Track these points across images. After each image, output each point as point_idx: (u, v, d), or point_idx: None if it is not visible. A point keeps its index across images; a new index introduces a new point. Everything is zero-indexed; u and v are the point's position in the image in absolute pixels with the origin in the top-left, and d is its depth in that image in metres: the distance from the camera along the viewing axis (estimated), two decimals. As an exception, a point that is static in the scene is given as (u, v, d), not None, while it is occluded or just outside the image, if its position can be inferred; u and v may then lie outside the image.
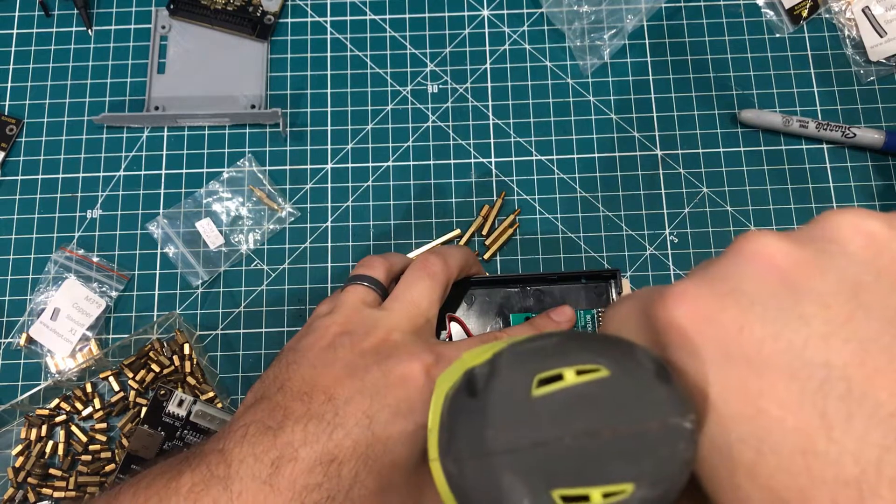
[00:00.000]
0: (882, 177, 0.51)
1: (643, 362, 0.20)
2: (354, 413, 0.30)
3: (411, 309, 0.35)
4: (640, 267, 0.49)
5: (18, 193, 0.51)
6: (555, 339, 0.21)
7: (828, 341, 0.18)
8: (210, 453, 0.29)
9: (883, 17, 0.52)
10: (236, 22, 0.53)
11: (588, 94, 0.53)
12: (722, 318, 0.19)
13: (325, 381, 0.31)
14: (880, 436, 0.16)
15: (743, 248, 0.20)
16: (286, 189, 0.51)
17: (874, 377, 0.17)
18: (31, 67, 0.54)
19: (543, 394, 0.20)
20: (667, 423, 0.19)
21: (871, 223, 0.19)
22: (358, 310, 0.35)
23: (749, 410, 0.18)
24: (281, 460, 0.29)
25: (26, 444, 0.46)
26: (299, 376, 0.32)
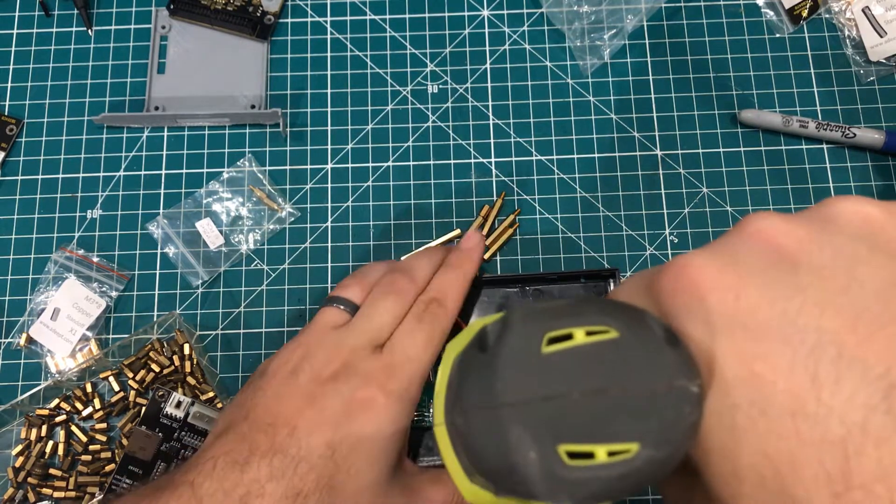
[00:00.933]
0: (882, 177, 0.51)
1: (652, 326, 0.20)
2: (317, 445, 0.31)
3: (372, 325, 0.36)
4: (640, 267, 0.49)
5: (18, 193, 0.51)
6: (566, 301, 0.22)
7: (822, 308, 0.18)
8: (181, 485, 0.30)
9: (883, 17, 0.52)
10: (236, 22, 0.53)
11: (588, 94, 0.53)
12: (720, 285, 0.20)
13: (288, 412, 0.32)
14: (866, 396, 0.17)
15: (745, 226, 0.21)
16: (286, 189, 0.51)
17: (864, 342, 0.17)
18: (31, 67, 0.54)
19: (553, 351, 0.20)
20: (673, 385, 0.19)
21: (869, 208, 0.20)
22: (322, 333, 0.36)
23: (744, 374, 0.19)
24: (249, 496, 0.30)
25: (26, 444, 0.46)
26: (263, 405, 0.33)
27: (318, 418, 0.32)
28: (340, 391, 0.33)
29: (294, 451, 0.31)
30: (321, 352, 0.34)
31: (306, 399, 0.32)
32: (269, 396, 0.33)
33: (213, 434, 0.33)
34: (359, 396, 0.32)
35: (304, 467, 0.31)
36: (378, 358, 0.34)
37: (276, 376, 0.34)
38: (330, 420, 0.32)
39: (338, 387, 0.33)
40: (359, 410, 0.32)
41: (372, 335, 0.35)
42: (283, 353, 0.35)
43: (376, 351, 0.35)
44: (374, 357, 0.34)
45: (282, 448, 0.31)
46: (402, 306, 0.37)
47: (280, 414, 0.32)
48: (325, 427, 0.32)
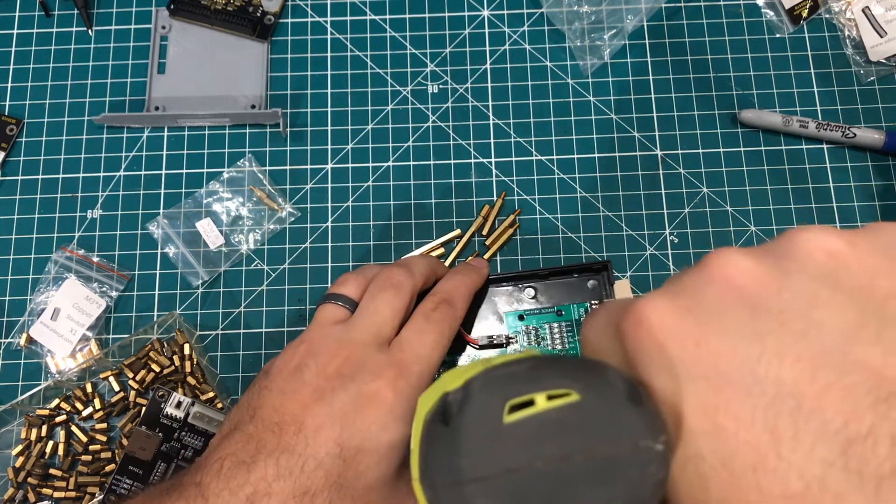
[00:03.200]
0: (882, 177, 0.51)
1: (615, 384, 0.20)
2: (325, 442, 0.31)
3: (374, 319, 0.35)
4: (640, 267, 0.49)
5: (18, 193, 0.51)
6: (527, 363, 0.21)
7: (781, 357, 0.18)
8: (188, 486, 0.30)
9: (883, 17, 0.52)
10: (236, 22, 0.53)
11: (588, 94, 0.53)
12: (680, 332, 0.19)
13: (294, 409, 0.32)
14: (825, 451, 0.16)
15: (707, 265, 0.21)
16: (286, 189, 0.51)
17: (823, 394, 0.17)
18: (32, 67, 0.54)
19: (515, 420, 0.20)
20: (638, 445, 0.19)
21: (832, 240, 0.20)
22: (324, 329, 0.35)
23: (707, 426, 0.18)
24: (256, 495, 0.29)
25: (26, 444, 0.46)
26: (269, 404, 0.32)
27: (325, 414, 0.31)
28: (348, 387, 0.32)
29: (301, 449, 0.31)
30: (325, 347, 0.34)
31: (313, 395, 0.32)
32: (275, 394, 0.33)
33: (220, 435, 0.33)
34: (367, 392, 0.32)
35: (312, 465, 0.30)
36: (386, 354, 0.34)
37: (281, 374, 0.34)
38: (338, 416, 0.31)
39: (345, 382, 0.32)
40: (367, 406, 0.32)
41: (374, 330, 0.35)
42: (287, 351, 0.35)
43: (382, 347, 0.34)
44: (381, 353, 0.34)
45: (289, 446, 0.31)
46: (401, 299, 0.36)
47: (286, 412, 0.32)
48: (334, 423, 0.31)
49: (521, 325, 0.43)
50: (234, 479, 0.30)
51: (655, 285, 0.49)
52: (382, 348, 0.34)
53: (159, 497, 0.30)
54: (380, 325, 0.35)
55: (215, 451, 0.32)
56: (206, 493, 0.30)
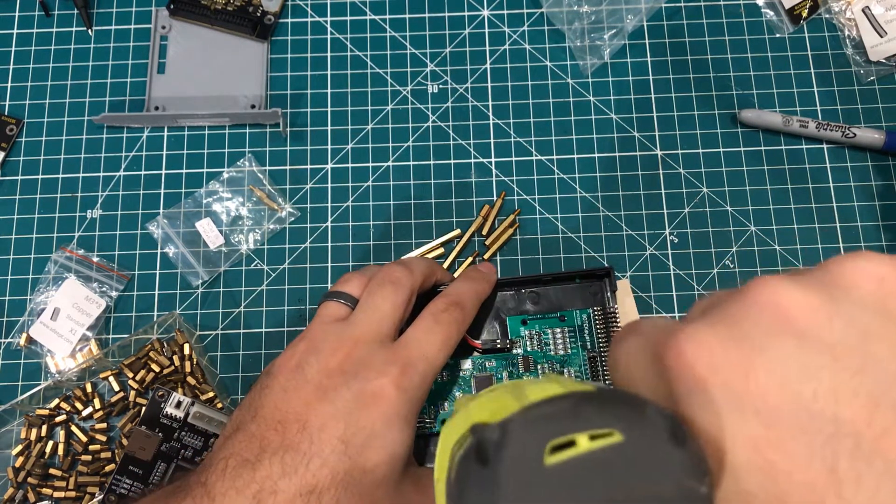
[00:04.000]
0: (882, 177, 0.51)
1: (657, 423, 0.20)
2: (329, 440, 0.31)
3: (374, 315, 0.35)
4: (640, 267, 0.49)
5: (18, 193, 0.51)
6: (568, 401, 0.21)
7: (837, 394, 0.17)
8: (195, 486, 0.30)
9: (883, 17, 0.52)
10: (236, 22, 0.53)
11: (588, 94, 0.53)
12: (726, 364, 0.19)
13: (297, 407, 0.32)
14: (888, 494, 0.16)
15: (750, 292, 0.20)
16: (286, 189, 0.51)
17: (884, 435, 0.16)
18: (31, 67, 0.54)
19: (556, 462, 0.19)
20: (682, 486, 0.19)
21: (881, 267, 0.19)
22: (324, 325, 0.35)
23: (758, 462, 0.18)
24: (262, 493, 0.29)
25: (26, 444, 0.46)
26: (272, 403, 0.32)
27: (329, 411, 0.31)
28: (350, 384, 0.32)
29: (306, 447, 0.31)
30: (326, 344, 0.34)
31: (315, 392, 0.32)
32: (277, 393, 0.33)
33: (224, 436, 0.33)
34: (370, 388, 0.32)
35: (317, 463, 0.30)
36: (390, 350, 0.34)
37: (282, 372, 0.33)
38: (342, 412, 0.31)
39: (347, 379, 0.32)
40: (371, 404, 0.32)
41: (374, 326, 0.35)
42: (288, 350, 0.35)
43: (385, 343, 0.34)
44: (384, 349, 0.34)
45: (293, 444, 0.31)
46: (400, 295, 0.36)
47: (289, 410, 0.32)
48: (337, 420, 0.31)
49: (524, 330, 0.43)
50: (240, 477, 0.30)
51: (655, 285, 0.49)
52: (385, 344, 0.34)
53: (165, 498, 0.30)
54: (379, 320, 0.35)
55: (219, 451, 0.32)
56: (213, 492, 0.30)
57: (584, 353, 0.43)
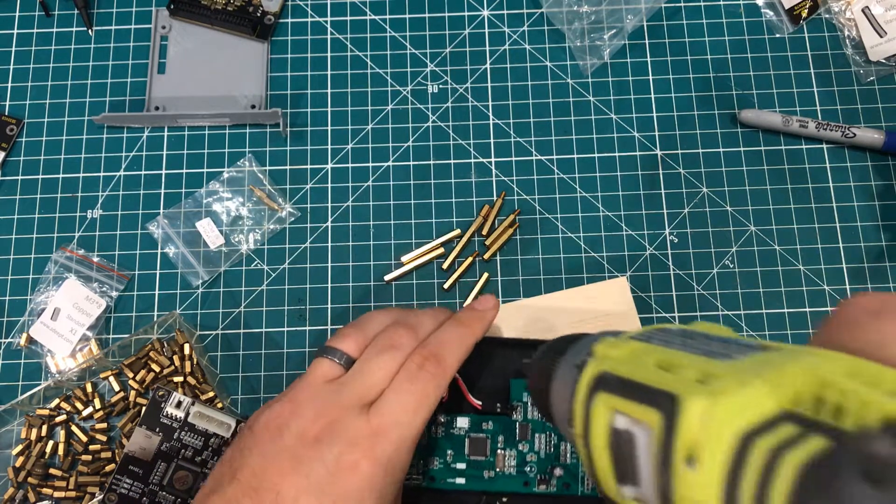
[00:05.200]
0: (882, 177, 0.51)
1: None
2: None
3: (365, 382, 0.34)
4: (640, 267, 0.49)
5: (19, 193, 0.51)
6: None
7: None
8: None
9: (883, 17, 0.52)
10: (236, 22, 0.53)
11: (588, 94, 0.53)
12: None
13: (273, 476, 0.32)
14: None
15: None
16: (286, 189, 0.51)
17: None
18: (32, 67, 0.54)
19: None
20: None
21: None
22: (313, 389, 0.35)
23: None
24: None
25: (26, 444, 0.46)
26: (249, 466, 0.32)
27: (302, 486, 0.31)
28: (324, 456, 0.32)
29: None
30: (309, 409, 0.33)
31: (291, 462, 0.32)
32: (255, 457, 0.33)
33: (203, 492, 0.33)
34: (343, 463, 0.32)
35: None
36: (365, 420, 0.33)
37: (263, 435, 0.33)
38: (314, 488, 0.31)
39: (322, 450, 0.32)
40: (344, 478, 0.32)
41: (362, 393, 0.34)
42: (273, 407, 0.34)
43: (364, 410, 0.33)
44: (361, 418, 0.33)
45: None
46: (399, 363, 0.35)
47: (265, 477, 0.32)
48: (310, 494, 0.31)
49: (527, 396, 0.42)
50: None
51: (655, 285, 0.49)
52: (363, 411, 0.33)
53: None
54: (368, 388, 0.34)
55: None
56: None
57: None
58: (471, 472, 0.41)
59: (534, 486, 0.41)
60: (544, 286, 0.49)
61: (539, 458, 0.42)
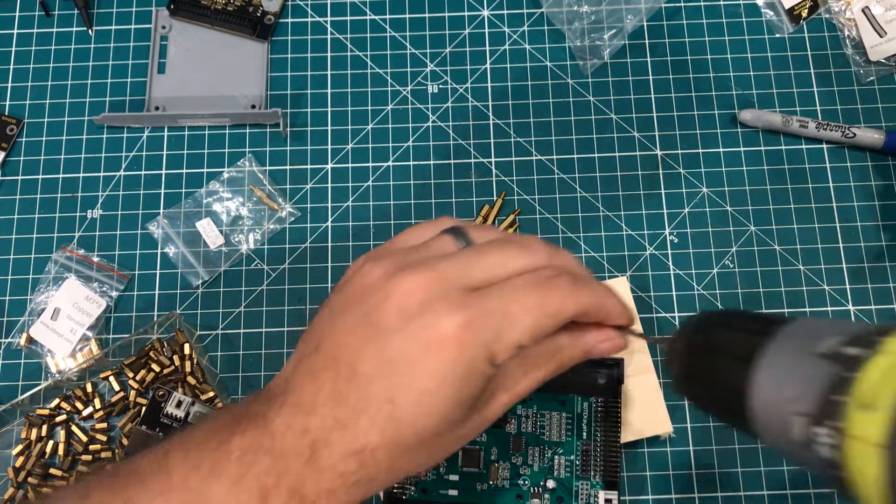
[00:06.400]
0: (882, 177, 0.51)
1: None
2: (376, 398, 0.28)
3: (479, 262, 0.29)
4: (640, 267, 0.49)
5: (19, 193, 0.51)
6: None
7: None
8: (256, 418, 0.29)
9: (883, 17, 0.52)
10: (236, 22, 0.53)
11: (588, 94, 0.53)
12: None
13: (351, 348, 0.29)
14: None
15: None
16: (286, 189, 0.51)
17: None
18: (32, 67, 0.54)
19: None
20: None
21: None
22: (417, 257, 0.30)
23: None
24: (317, 443, 0.28)
25: (26, 444, 0.46)
26: (331, 337, 0.29)
27: (377, 360, 0.28)
28: (406, 329, 0.28)
29: (353, 401, 0.28)
30: (399, 277, 0.29)
31: (371, 333, 0.28)
32: (340, 324, 0.29)
33: (291, 362, 0.31)
34: (428, 339, 0.27)
35: (365, 422, 0.28)
36: (461, 301, 0.28)
37: (352, 298, 0.30)
38: (390, 366, 0.28)
39: (404, 322, 0.28)
40: (425, 356, 0.27)
41: (471, 272, 0.29)
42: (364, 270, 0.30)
43: (464, 291, 0.28)
44: (455, 297, 0.28)
45: (343, 395, 0.28)
46: (527, 263, 0.30)
47: (343, 350, 0.29)
48: (385, 374, 0.28)
49: (522, 408, 0.42)
50: (297, 420, 0.28)
51: (655, 285, 0.49)
52: (466, 293, 0.28)
53: (229, 426, 0.29)
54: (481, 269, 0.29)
55: (283, 383, 0.30)
56: (273, 429, 0.28)
57: (579, 443, 0.42)
58: (463, 483, 0.41)
59: (527, 499, 0.41)
60: (544, 286, 0.49)
61: (532, 471, 0.42)
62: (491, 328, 0.28)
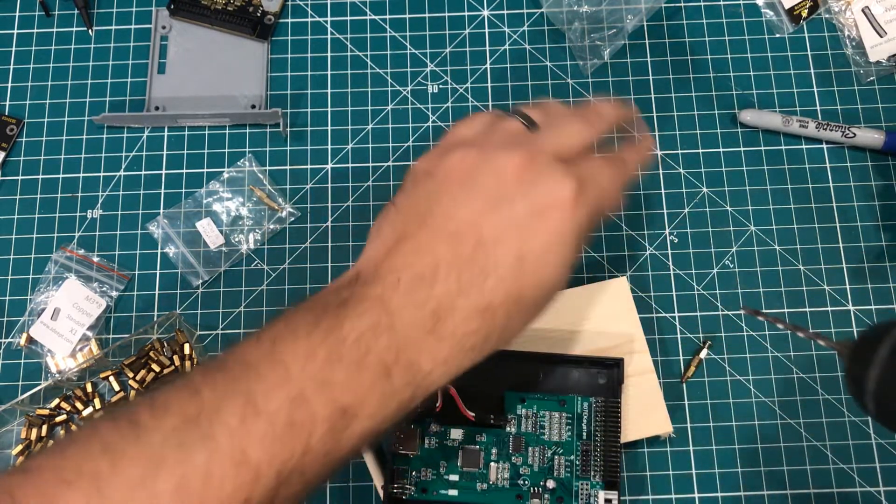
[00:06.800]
0: (882, 177, 0.51)
1: None
2: (505, 256, 0.29)
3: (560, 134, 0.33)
4: (640, 267, 0.49)
5: (19, 193, 0.51)
6: None
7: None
8: (368, 300, 0.29)
9: (883, 17, 0.52)
10: (236, 22, 0.53)
11: (588, 94, 0.53)
12: None
13: (470, 217, 0.30)
14: None
15: None
16: (286, 189, 0.51)
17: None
18: (32, 67, 0.54)
19: None
20: None
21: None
22: (503, 136, 0.33)
23: None
24: (440, 311, 0.29)
25: (27, 444, 0.46)
26: (441, 211, 0.30)
27: (504, 224, 0.30)
28: (528, 193, 0.30)
29: (482, 263, 0.29)
30: (503, 153, 0.31)
31: (490, 202, 0.30)
32: (446, 199, 0.30)
33: (383, 242, 0.31)
34: (548, 201, 0.30)
35: (493, 281, 0.29)
36: (567, 169, 0.31)
37: (451, 177, 0.31)
38: (517, 225, 0.30)
39: (525, 188, 0.30)
40: (547, 216, 0.30)
41: (558, 144, 0.32)
42: (456, 152, 0.32)
43: (562, 161, 0.31)
44: (562, 165, 0.31)
45: (469, 260, 0.29)
46: (587, 134, 0.34)
47: (461, 220, 0.30)
48: (513, 234, 0.30)
49: (521, 408, 0.43)
50: (417, 294, 0.29)
51: (655, 285, 0.49)
52: (564, 163, 0.31)
53: (335, 311, 0.29)
54: (565, 140, 0.33)
55: (385, 263, 0.30)
56: (390, 307, 0.28)
57: (580, 443, 0.42)
58: (463, 484, 0.41)
59: (527, 499, 0.41)
60: (544, 286, 0.49)
61: (532, 471, 0.42)
62: (594, 193, 0.31)
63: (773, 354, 0.47)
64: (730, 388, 0.47)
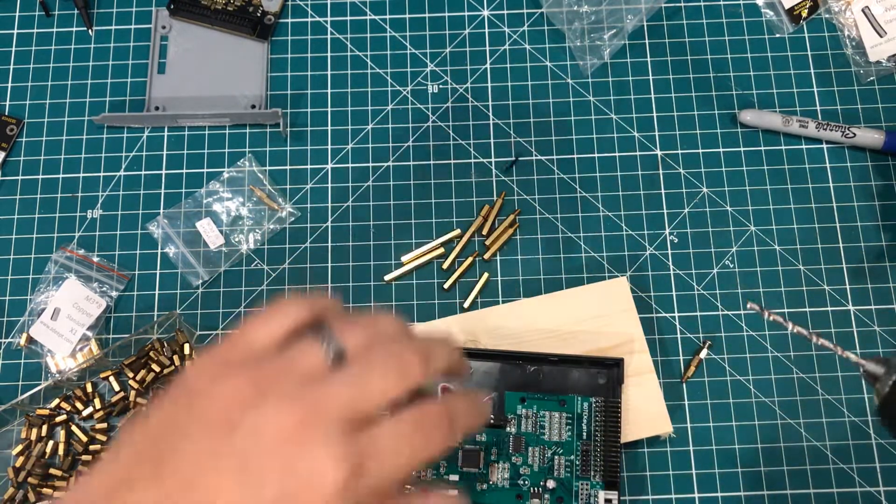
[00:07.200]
0: (882, 177, 0.51)
1: None
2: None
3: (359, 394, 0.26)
4: (640, 267, 0.49)
5: (19, 193, 0.51)
6: None
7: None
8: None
9: (883, 17, 0.52)
10: (236, 22, 0.53)
11: (588, 94, 0.53)
12: None
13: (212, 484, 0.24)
14: None
15: None
16: (286, 189, 0.51)
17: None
18: (32, 67, 0.54)
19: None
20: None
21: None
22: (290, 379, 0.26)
23: None
24: None
25: (26, 444, 0.46)
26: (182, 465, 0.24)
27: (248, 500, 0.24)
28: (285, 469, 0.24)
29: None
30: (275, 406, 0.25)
31: (238, 471, 0.24)
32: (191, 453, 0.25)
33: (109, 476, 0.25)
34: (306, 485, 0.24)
35: None
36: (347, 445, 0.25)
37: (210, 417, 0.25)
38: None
39: (283, 461, 0.24)
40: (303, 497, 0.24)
41: (352, 404, 0.26)
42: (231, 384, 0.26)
43: (350, 430, 0.25)
44: (341, 440, 0.25)
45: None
46: (401, 389, 0.27)
47: (204, 481, 0.24)
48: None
49: (522, 408, 0.43)
50: None
51: (655, 285, 0.49)
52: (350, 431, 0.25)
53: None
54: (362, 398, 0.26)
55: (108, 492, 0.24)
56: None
57: (580, 443, 0.42)
58: (463, 483, 0.41)
59: (527, 499, 0.41)
60: (544, 286, 0.49)
61: (532, 471, 0.42)
62: (378, 474, 0.25)
63: (773, 354, 0.47)
64: (730, 388, 0.47)
